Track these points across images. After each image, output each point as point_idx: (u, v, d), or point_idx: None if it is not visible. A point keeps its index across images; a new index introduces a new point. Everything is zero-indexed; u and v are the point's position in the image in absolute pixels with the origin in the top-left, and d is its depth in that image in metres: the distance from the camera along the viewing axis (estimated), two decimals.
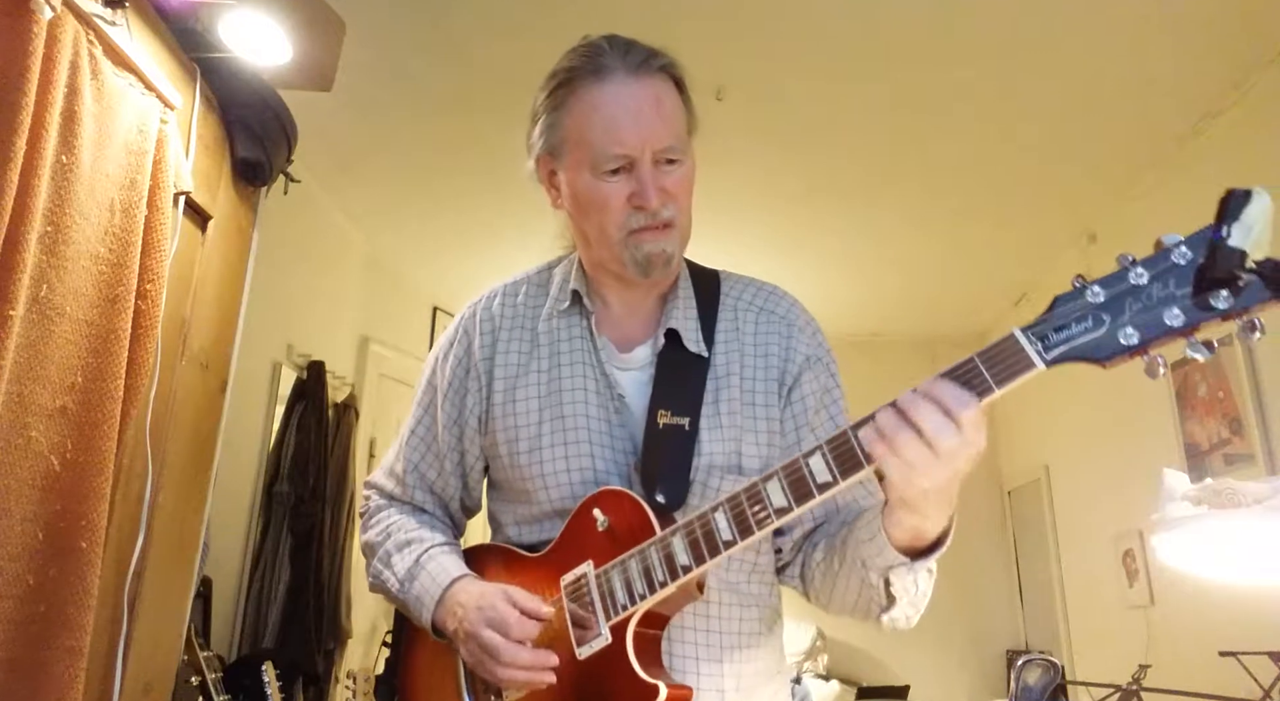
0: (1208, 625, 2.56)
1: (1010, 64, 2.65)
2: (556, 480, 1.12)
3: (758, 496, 0.94)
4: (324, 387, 3.37)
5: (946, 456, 0.83)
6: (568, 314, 1.19)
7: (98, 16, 1.35)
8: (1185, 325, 0.75)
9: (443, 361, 1.25)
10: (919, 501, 0.89)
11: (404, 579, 1.15)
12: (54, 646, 1.25)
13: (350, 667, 3.29)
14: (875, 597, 1.02)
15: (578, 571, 1.05)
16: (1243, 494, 1.67)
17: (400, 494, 1.26)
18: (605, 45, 1.13)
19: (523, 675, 1.01)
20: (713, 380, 1.14)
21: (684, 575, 0.97)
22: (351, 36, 1.95)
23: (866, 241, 3.86)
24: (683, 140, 1.11)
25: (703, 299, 1.20)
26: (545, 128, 1.15)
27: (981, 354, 0.84)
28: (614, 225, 1.09)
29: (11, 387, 1.20)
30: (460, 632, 1.05)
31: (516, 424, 1.15)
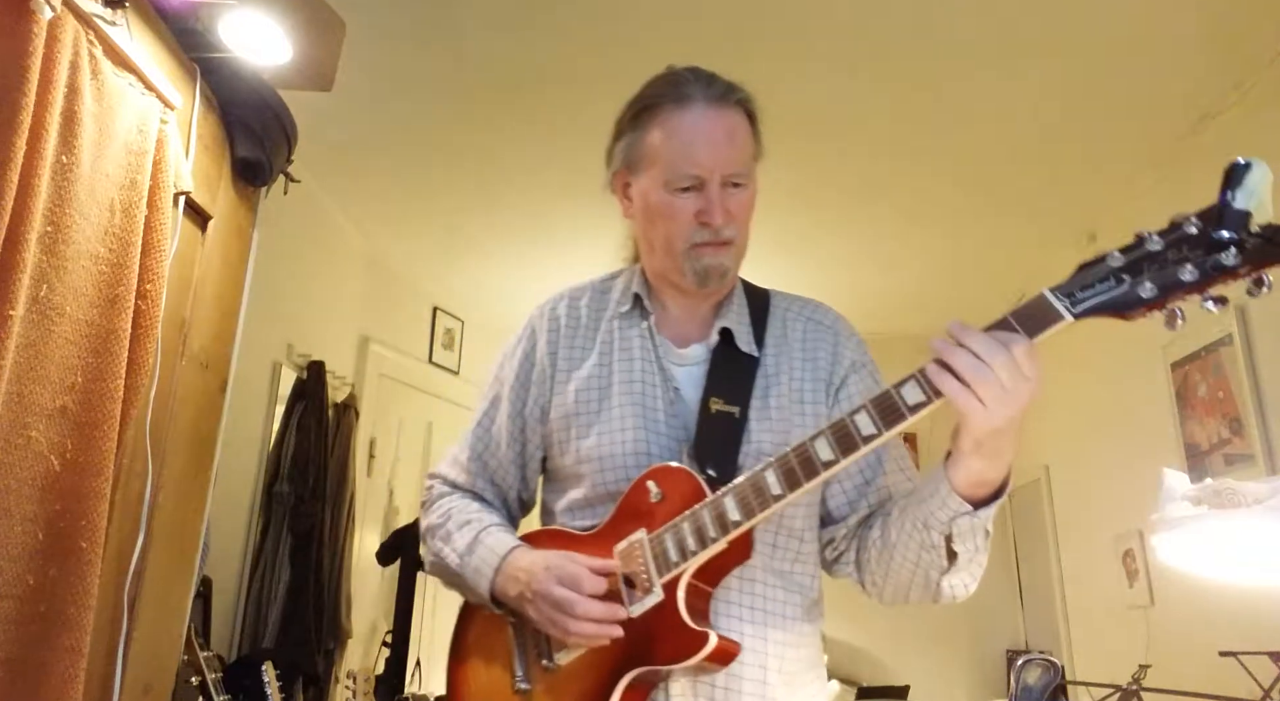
0: (1208, 625, 2.56)
1: (1010, 64, 2.65)
2: (613, 462, 1.20)
3: (805, 453, 1.02)
4: (324, 387, 3.37)
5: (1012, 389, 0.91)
6: (629, 316, 1.30)
7: (98, 16, 1.35)
8: (1198, 280, 0.83)
9: (509, 359, 1.36)
10: (989, 439, 0.95)
11: (463, 553, 1.22)
12: (54, 646, 1.25)
13: (350, 667, 3.29)
14: (935, 561, 1.07)
15: (632, 538, 1.12)
16: (1243, 494, 1.67)
17: (463, 482, 1.34)
18: (690, 76, 1.24)
19: (593, 627, 1.07)
20: (762, 377, 1.24)
21: (734, 530, 1.05)
22: (351, 36, 1.95)
23: (866, 241, 3.86)
24: (749, 167, 1.22)
25: (754, 308, 1.31)
26: (627, 145, 1.25)
27: (1014, 312, 0.93)
28: (679, 237, 1.20)
29: (11, 388, 1.20)
30: (527, 593, 1.12)
31: (577, 411, 1.25)
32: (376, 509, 3.99)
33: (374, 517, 3.95)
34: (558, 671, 1.14)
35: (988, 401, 0.91)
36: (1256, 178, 0.81)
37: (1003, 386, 0.90)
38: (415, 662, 3.56)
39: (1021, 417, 0.94)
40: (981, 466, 0.99)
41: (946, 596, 1.12)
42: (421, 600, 3.55)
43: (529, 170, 3.34)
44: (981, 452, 0.97)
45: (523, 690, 1.16)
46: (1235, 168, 0.82)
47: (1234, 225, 0.81)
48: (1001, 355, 0.91)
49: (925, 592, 1.13)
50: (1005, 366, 0.90)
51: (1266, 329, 2.61)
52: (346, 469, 3.45)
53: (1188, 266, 0.84)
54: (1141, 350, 3.19)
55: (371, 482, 3.93)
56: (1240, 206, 0.81)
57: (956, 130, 3.01)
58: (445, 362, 4.61)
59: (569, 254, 4.03)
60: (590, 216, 3.63)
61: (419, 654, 3.72)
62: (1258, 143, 2.65)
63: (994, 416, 0.92)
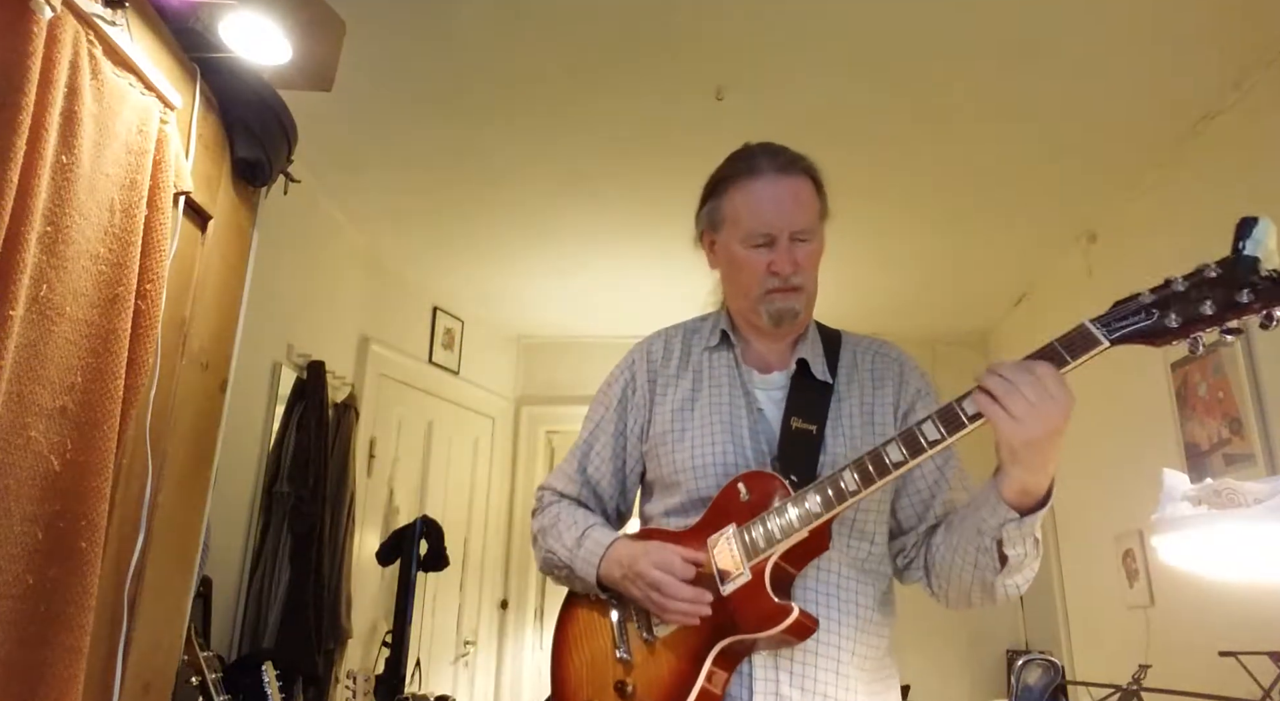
0: (1208, 625, 2.56)
1: (1010, 64, 2.65)
2: (705, 471, 1.38)
3: (878, 456, 1.19)
4: (324, 387, 3.36)
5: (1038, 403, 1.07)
6: (718, 349, 1.50)
7: (98, 16, 1.35)
8: (1215, 313, 1.01)
9: (612, 386, 1.56)
10: (1024, 452, 1.11)
11: (572, 546, 1.41)
12: (54, 646, 1.25)
13: (350, 667, 3.29)
14: (990, 564, 1.22)
15: (724, 531, 1.29)
16: (1243, 494, 1.67)
17: (571, 492, 1.53)
18: (760, 150, 1.46)
19: (684, 606, 1.24)
20: (836, 401, 1.42)
21: (814, 521, 1.22)
22: (351, 36, 1.95)
23: (866, 241, 3.86)
24: (814, 224, 1.42)
25: (827, 344, 1.50)
26: (710, 209, 1.48)
27: (1058, 339, 1.11)
28: (755, 285, 1.40)
29: (11, 387, 1.20)
30: (629, 575, 1.30)
31: (673, 427, 1.44)
32: (376, 509, 3.99)
33: (374, 517, 3.95)
34: (655, 643, 1.31)
35: (1016, 414, 1.08)
36: (1261, 230, 0.99)
37: (1028, 401, 1.07)
38: (415, 662, 3.56)
39: (1058, 433, 1.10)
40: (1023, 476, 1.14)
41: (1001, 596, 1.27)
42: (421, 600, 3.55)
43: (530, 170, 3.34)
44: (1019, 462, 1.13)
45: (624, 658, 1.33)
46: (1245, 222, 1.00)
47: (1246, 269, 0.99)
48: (1026, 376, 1.08)
49: (984, 593, 1.28)
50: (1030, 384, 1.07)
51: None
52: (346, 469, 3.45)
53: (1208, 303, 1.02)
54: (1141, 350, 3.18)
55: (371, 482, 3.93)
56: (1250, 253, 0.99)
57: (957, 130, 3.01)
58: (445, 363, 4.61)
59: (570, 254, 4.03)
60: (591, 216, 3.64)
61: (419, 654, 3.72)
62: (1258, 143, 2.65)
63: (1024, 428, 1.08)
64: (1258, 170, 2.63)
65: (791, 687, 1.27)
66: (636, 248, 3.93)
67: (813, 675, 1.27)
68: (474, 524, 4.69)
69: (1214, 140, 2.84)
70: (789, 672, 1.27)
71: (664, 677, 1.28)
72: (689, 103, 2.86)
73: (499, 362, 5.09)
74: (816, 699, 1.27)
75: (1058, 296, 3.98)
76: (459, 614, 4.48)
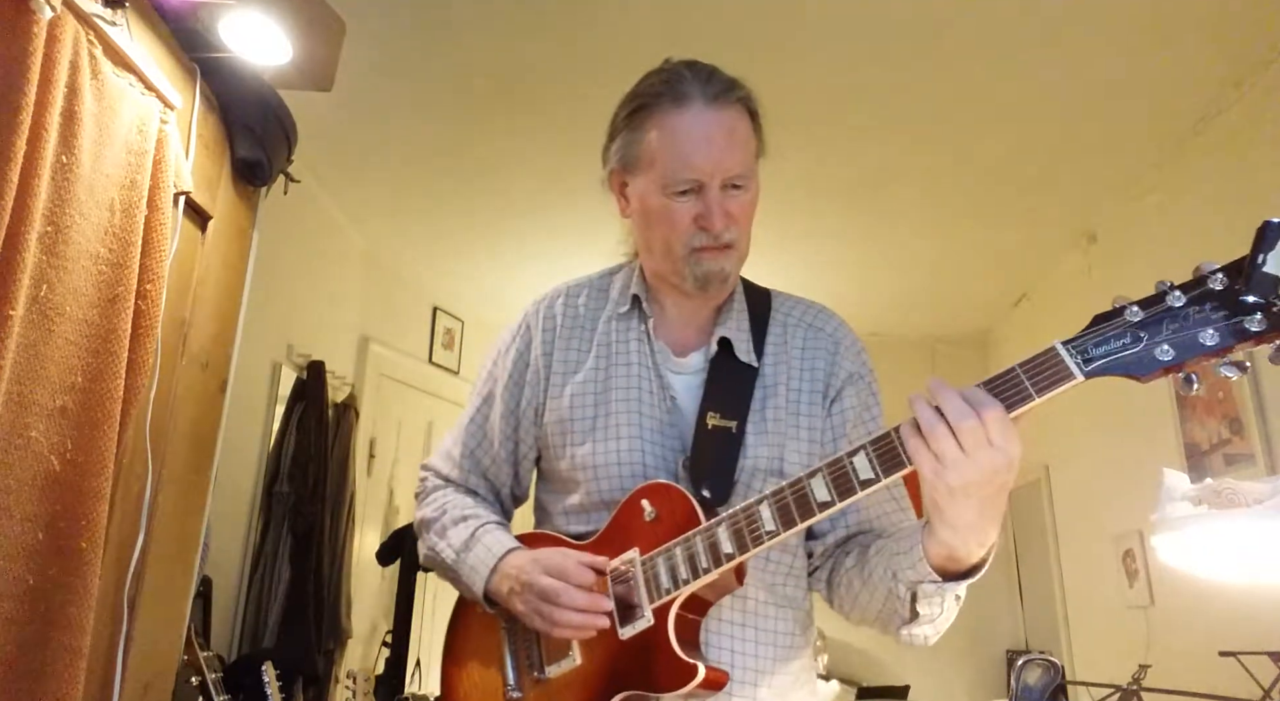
0: (1208, 625, 2.56)
1: (1010, 64, 2.65)
2: (607, 472, 1.18)
3: (801, 491, 0.98)
4: (324, 387, 3.36)
5: (972, 452, 0.86)
6: (626, 317, 1.27)
7: (98, 16, 1.35)
8: (1219, 346, 0.80)
9: (504, 354, 1.33)
10: (948, 506, 0.90)
11: (459, 549, 1.21)
12: (54, 646, 1.25)
13: (350, 667, 3.29)
14: (899, 610, 1.05)
15: (624, 557, 1.10)
16: (1243, 494, 1.67)
17: (456, 476, 1.33)
18: (687, 72, 1.18)
19: (578, 617, 1.06)
20: (760, 389, 1.21)
21: (727, 562, 1.02)
22: (351, 36, 1.95)
23: (866, 241, 3.86)
24: (750, 168, 1.18)
25: (754, 313, 1.28)
26: (623, 144, 1.21)
27: (1023, 364, 0.88)
28: (679, 242, 1.17)
29: (11, 388, 1.20)
30: (516, 586, 1.11)
31: (571, 417, 1.23)
32: (376, 509, 3.99)
33: (374, 517, 3.95)
34: (548, 683, 1.13)
35: (943, 459, 0.87)
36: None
37: (960, 448, 0.86)
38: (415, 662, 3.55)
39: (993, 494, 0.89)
40: (949, 539, 0.93)
41: (906, 642, 1.09)
42: (421, 600, 3.55)
43: (529, 170, 3.34)
44: (943, 519, 0.92)
45: (515, 699, 1.16)
46: (1270, 227, 0.79)
47: (1263, 290, 0.78)
48: (967, 418, 0.86)
49: (886, 631, 1.12)
50: (967, 430, 0.85)
51: None
52: (346, 469, 3.45)
53: (1209, 330, 0.81)
54: None
55: (371, 482, 3.93)
56: (1271, 271, 0.78)
57: (956, 130, 3.01)
58: (445, 363, 4.61)
59: (570, 253, 4.03)
60: (591, 216, 3.63)
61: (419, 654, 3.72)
62: (1258, 143, 2.65)
63: (946, 474, 0.87)
64: (1258, 170, 2.63)
65: None
66: None
67: None
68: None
69: (1214, 140, 2.84)
70: None
71: None
72: None
73: None
74: None
75: (1058, 297, 3.98)
76: None
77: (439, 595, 4.25)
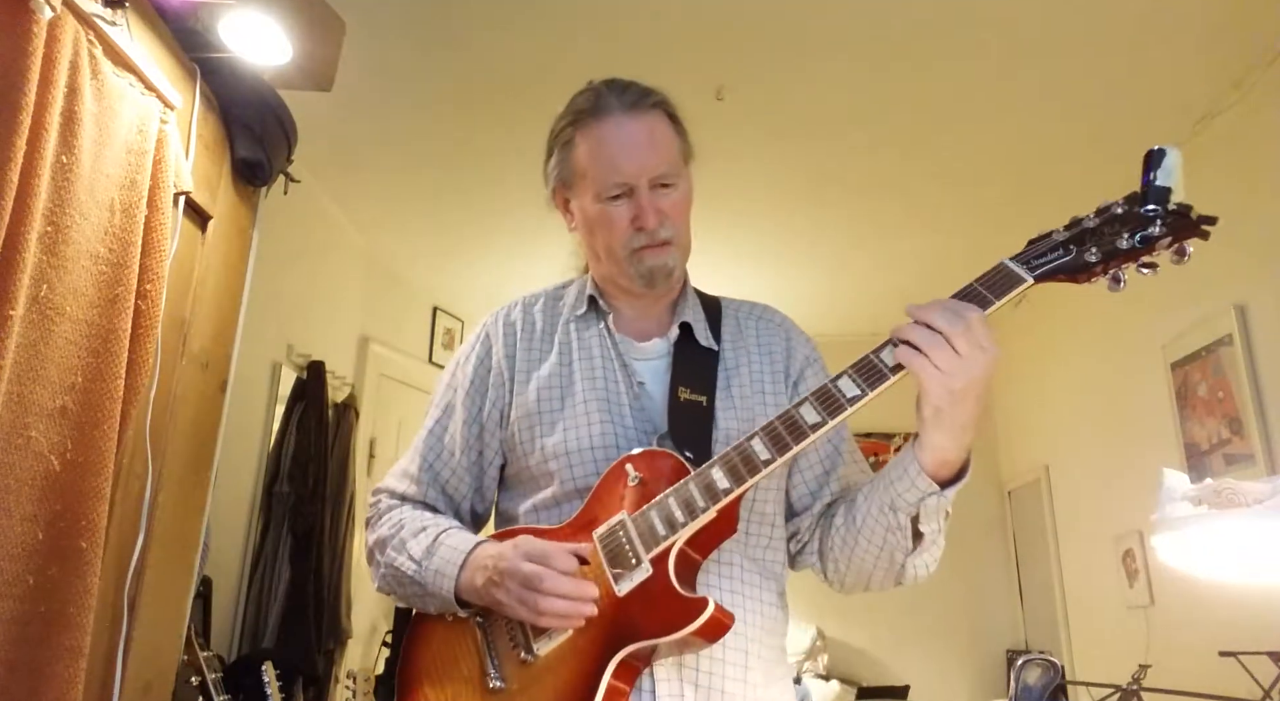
0: (1208, 625, 2.56)
1: (1011, 64, 2.65)
2: (580, 457, 1.18)
3: (791, 418, 1.04)
4: (324, 387, 3.36)
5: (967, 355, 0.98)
6: (584, 318, 1.31)
7: (98, 16, 1.35)
8: (1132, 248, 0.97)
9: (463, 364, 1.34)
10: (950, 409, 0.99)
11: (421, 558, 1.17)
12: (54, 646, 1.25)
13: (350, 667, 3.29)
14: (901, 543, 1.10)
15: (612, 521, 1.10)
16: (1243, 494, 1.67)
17: (413, 493, 1.29)
18: (604, 88, 1.27)
19: (564, 605, 1.03)
20: (723, 371, 1.26)
21: (725, 498, 1.04)
22: (351, 36, 1.95)
23: (866, 242, 3.86)
24: (676, 166, 1.24)
25: (707, 310, 1.33)
26: (557, 163, 1.29)
27: (979, 279, 1.05)
28: (619, 244, 1.22)
29: (11, 388, 1.20)
30: (495, 575, 1.07)
31: (539, 410, 1.24)
32: None
33: None
34: (536, 663, 1.09)
35: (942, 366, 0.97)
36: (1172, 160, 0.97)
37: (955, 351, 0.97)
38: None
39: (983, 389, 1.00)
40: (944, 443, 1.02)
41: (909, 577, 1.14)
42: None
43: (530, 170, 3.31)
44: (942, 423, 1.00)
45: (498, 688, 1.10)
46: (1153, 153, 0.98)
47: (1158, 199, 0.96)
48: (958, 325, 0.98)
49: (888, 575, 1.15)
50: (959, 334, 0.97)
51: (1266, 329, 2.61)
52: (346, 469, 3.45)
53: (1123, 236, 0.98)
54: (1141, 350, 3.19)
55: (371, 482, 3.93)
56: (1161, 184, 0.96)
57: (955, 130, 3.01)
58: (445, 363, 4.60)
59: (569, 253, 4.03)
60: None
61: None
62: (1258, 143, 2.65)
63: (950, 379, 0.97)
64: (1258, 170, 2.63)
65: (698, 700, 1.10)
66: None
67: (720, 685, 1.11)
68: None
69: (1214, 140, 2.85)
70: (694, 685, 1.10)
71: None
72: (689, 103, 2.84)
73: None
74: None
75: (1058, 297, 3.97)
76: None
77: None
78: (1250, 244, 2.61)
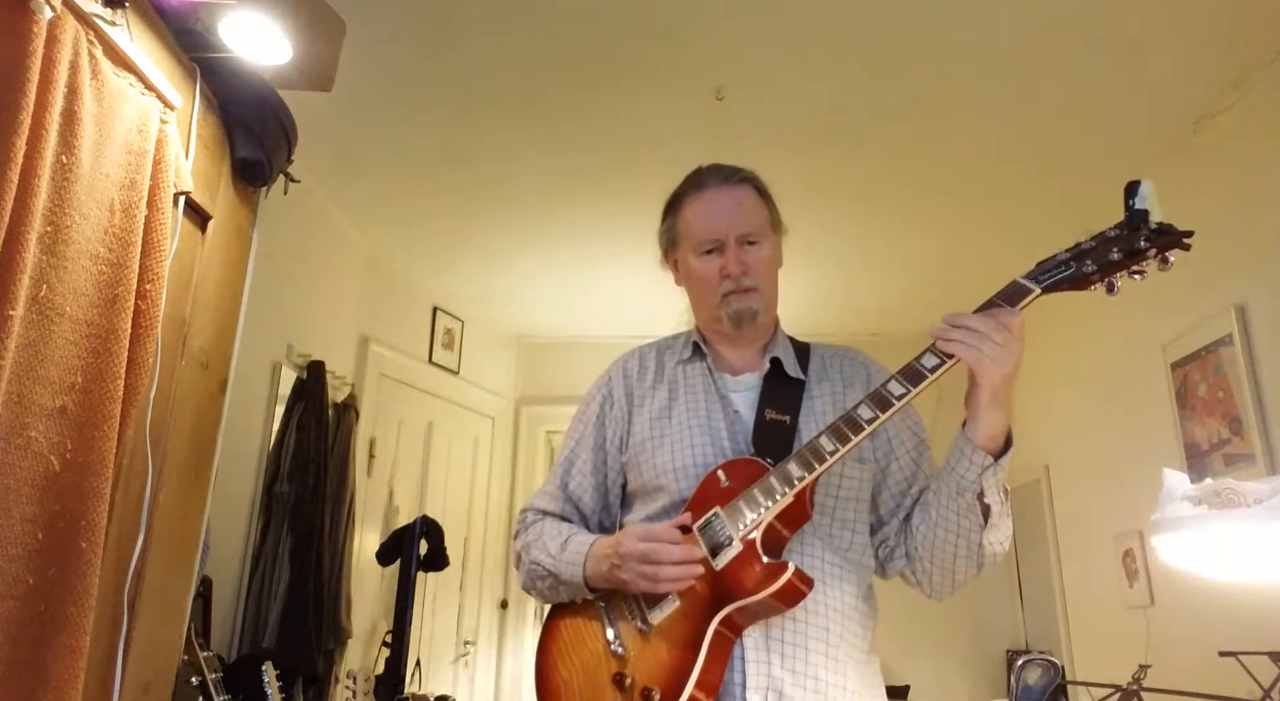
0: (1208, 625, 2.56)
1: (1010, 64, 2.65)
2: (685, 472, 1.41)
3: (850, 417, 1.26)
4: (324, 388, 3.36)
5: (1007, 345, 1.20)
6: (691, 361, 1.56)
7: (98, 16, 1.35)
8: (1122, 258, 1.19)
9: (590, 404, 1.60)
10: (1002, 389, 1.22)
11: (556, 553, 1.42)
12: (54, 646, 1.25)
13: (350, 667, 3.29)
14: (974, 522, 1.29)
15: (707, 514, 1.32)
16: (1243, 494, 1.67)
17: (553, 509, 1.55)
18: (705, 169, 1.54)
19: (676, 570, 1.25)
20: (808, 397, 1.47)
21: (799, 483, 1.26)
22: (351, 36, 1.95)
23: (867, 241, 3.86)
24: (762, 229, 1.49)
25: (798, 350, 1.56)
26: (667, 228, 1.57)
27: (997, 294, 1.26)
28: (710, 291, 1.48)
29: (11, 388, 1.20)
30: (615, 559, 1.31)
31: (653, 435, 1.47)
32: (376, 509, 3.99)
33: (374, 517, 3.95)
34: (650, 631, 1.31)
35: (990, 355, 1.19)
36: (1146, 189, 1.19)
37: (996, 344, 1.20)
38: (415, 662, 3.56)
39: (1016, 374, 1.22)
40: (997, 418, 1.23)
41: (989, 556, 1.32)
42: (421, 600, 3.56)
43: (530, 169, 3.34)
44: (997, 401, 1.22)
45: (619, 652, 1.32)
46: (1131, 185, 1.21)
47: (1138, 220, 1.18)
48: (991, 323, 1.21)
49: (970, 560, 1.32)
50: (996, 330, 1.21)
51: (1266, 329, 2.61)
52: (346, 469, 3.45)
53: (1114, 250, 1.20)
54: (1141, 350, 3.19)
55: (371, 482, 3.93)
56: (1139, 207, 1.19)
57: (955, 131, 3.01)
58: (445, 363, 4.61)
59: (570, 254, 4.03)
60: (590, 216, 3.64)
61: (419, 654, 3.72)
62: (1258, 143, 2.65)
63: (1000, 365, 1.19)
64: (1258, 170, 2.63)
65: (783, 670, 1.28)
66: (637, 247, 3.92)
67: (804, 657, 1.29)
68: (474, 524, 4.69)
69: (1214, 140, 2.84)
70: (780, 655, 1.29)
71: (664, 662, 1.27)
72: (689, 103, 2.86)
73: (499, 363, 5.09)
74: (808, 681, 1.29)
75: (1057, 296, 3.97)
76: (459, 614, 4.48)
77: (439, 595, 4.25)
78: (1250, 244, 2.61)
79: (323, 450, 3.28)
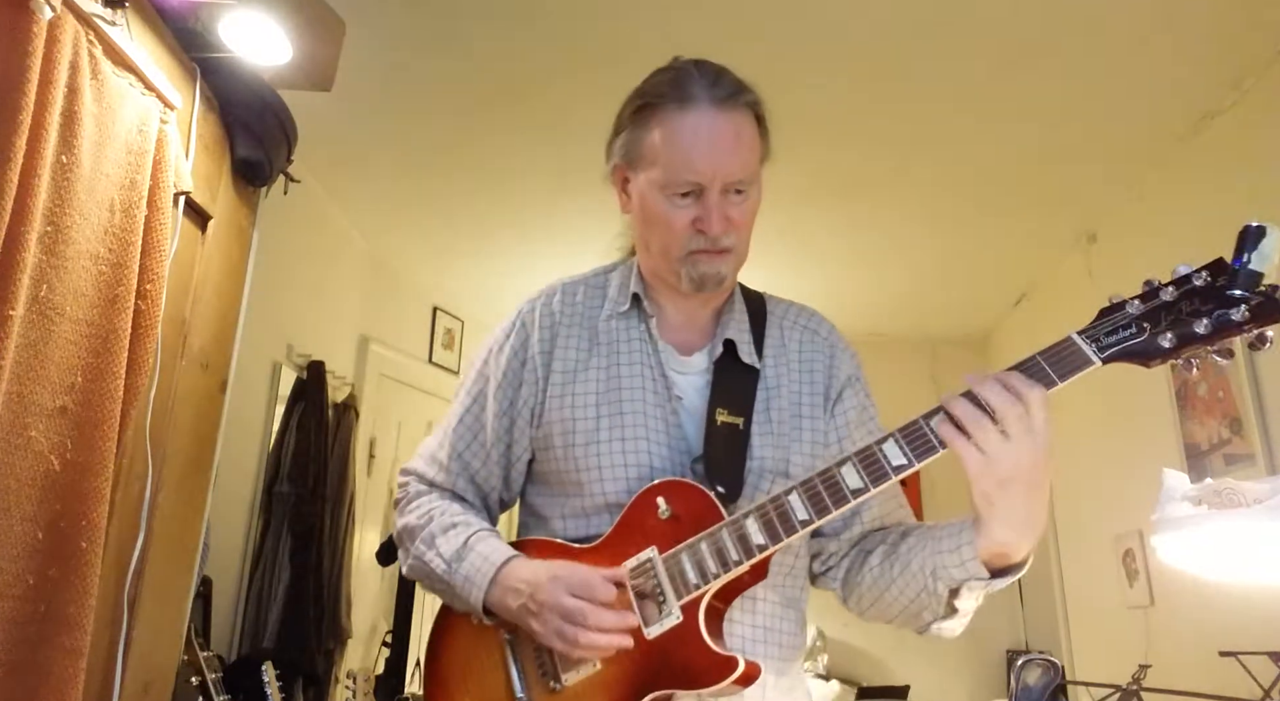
0: (1208, 625, 2.56)
1: (1010, 64, 2.65)
2: (613, 473, 1.16)
3: (832, 479, 1.01)
4: (324, 388, 3.36)
5: (1016, 439, 0.90)
6: (627, 316, 1.25)
7: (98, 16, 1.35)
8: (1210, 333, 0.89)
9: (497, 353, 1.28)
10: (1000, 499, 0.93)
11: (451, 559, 1.16)
12: (54, 646, 1.25)
13: (350, 667, 3.29)
14: (932, 607, 1.06)
15: (642, 556, 1.08)
16: (1243, 494, 1.67)
17: (442, 480, 1.28)
18: (695, 72, 1.16)
19: (605, 639, 1.03)
20: (763, 390, 1.22)
21: (759, 554, 1.03)
22: (351, 36, 1.95)
23: (866, 241, 3.86)
24: (753, 173, 1.16)
25: (752, 316, 1.28)
26: (627, 140, 1.19)
27: (1043, 353, 0.94)
28: (676, 244, 1.16)
29: (11, 387, 1.20)
30: (531, 605, 1.06)
31: (574, 416, 1.19)
32: (376, 509, 3.99)
33: (374, 517, 3.95)
34: (564, 692, 1.09)
35: (986, 449, 0.91)
36: (1271, 243, 0.87)
37: (1004, 433, 0.91)
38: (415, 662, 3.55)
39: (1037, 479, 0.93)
40: (1003, 535, 0.96)
41: (932, 633, 1.10)
42: (421, 600, 3.55)
43: (529, 170, 3.34)
44: (996, 513, 0.95)
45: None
46: (1249, 230, 0.88)
47: (1246, 285, 0.87)
48: (1013, 403, 0.91)
49: (909, 625, 1.13)
50: (1013, 415, 0.91)
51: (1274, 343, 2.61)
52: (346, 469, 3.45)
53: (1202, 320, 0.89)
54: None
55: (371, 482, 3.93)
56: (1255, 268, 0.87)
57: (957, 130, 3.01)
58: (445, 362, 4.61)
59: (570, 253, 4.03)
60: (591, 216, 3.63)
61: (419, 654, 3.72)
62: (1258, 143, 2.65)
63: (995, 465, 0.91)
64: (1258, 170, 2.63)
65: None
66: None
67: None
68: None
69: (1214, 140, 2.84)
70: None
71: None
72: None
73: None
74: None
75: (1058, 297, 3.98)
76: None
77: None
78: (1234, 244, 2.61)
79: (323, 450, 3.28)
